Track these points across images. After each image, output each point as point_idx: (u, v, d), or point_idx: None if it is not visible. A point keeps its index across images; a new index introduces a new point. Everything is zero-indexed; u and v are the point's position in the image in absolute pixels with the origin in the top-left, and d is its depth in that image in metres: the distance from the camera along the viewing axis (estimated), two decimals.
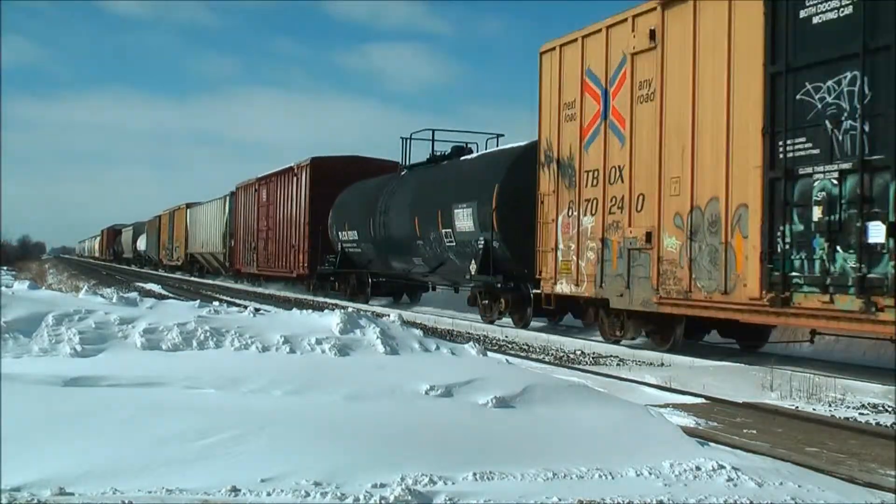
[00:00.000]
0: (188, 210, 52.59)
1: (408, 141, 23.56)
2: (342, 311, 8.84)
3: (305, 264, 29.35)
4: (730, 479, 5.04)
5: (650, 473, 5.09)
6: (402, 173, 23.36)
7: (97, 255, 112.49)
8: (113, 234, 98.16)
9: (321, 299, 26.93)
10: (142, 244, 73.34)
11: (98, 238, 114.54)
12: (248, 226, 37.54)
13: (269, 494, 4.40)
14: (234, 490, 4.40)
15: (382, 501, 4.37)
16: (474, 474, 4.87)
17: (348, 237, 25.63)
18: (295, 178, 31.00)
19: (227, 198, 42.13)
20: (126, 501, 4.18)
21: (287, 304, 23.30)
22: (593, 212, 13.70)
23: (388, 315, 10.12)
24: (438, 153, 22.33)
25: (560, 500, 4.54)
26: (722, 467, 5.20)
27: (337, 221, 26.66)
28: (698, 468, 5.20)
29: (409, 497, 4.42)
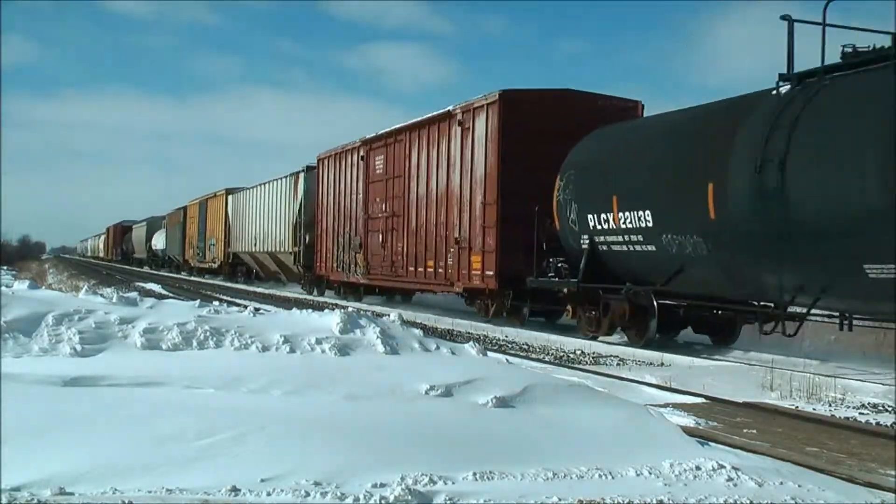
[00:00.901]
0: (229, 198, 40.76)
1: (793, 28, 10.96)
2: (342, 310, 8.85)
3: (491, 271, 16.99)
4: (730, 479, 5.04)
5: (650, 473, 5.08)
6: (802, 86, 10.86)
7: (102, 255, 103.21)
8: (121, 231, 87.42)
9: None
10: (159, 242, 62.58)
11: (103, 236, 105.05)
12: (344, 212, 25.61)
13: (269, 494, 4.40)
14: (234, 490, 4.40)
15: (382, 501, 4.37)
16: (474, 474, 4.87)
17: (619, 224, 13.53)
18: (459, 130, 18.41)
19: (301, 175, 30.18)
20: (126, 501, 4.18)
21: (287, 303, 23.25)
22: None
23: (388, 315, 10.12)
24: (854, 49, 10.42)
25: (560, 499, 4.54)
26: (722, 467, 5.20)
27: (582, 195, 14.49)
28: (698, 468, 5.20)
29: (409, 497, 4.42)
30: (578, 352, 13.23)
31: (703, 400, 8.73)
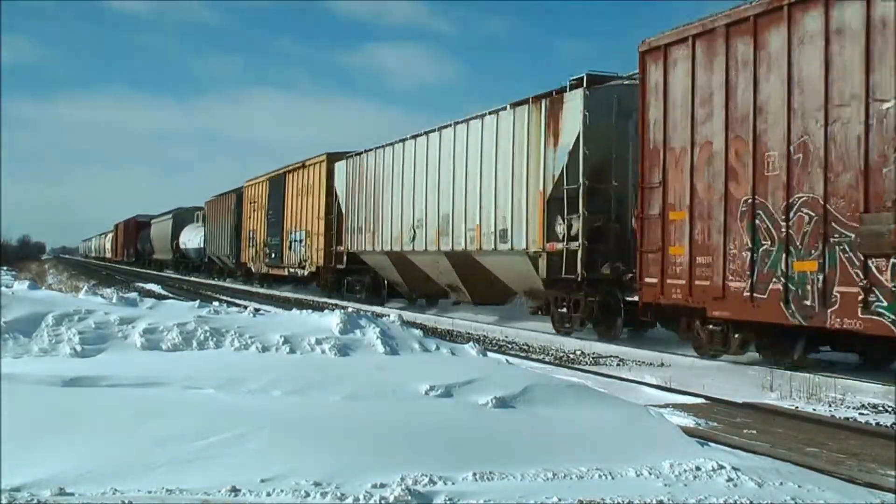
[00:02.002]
0: (337, 166, 25.92)
1: None
2: (342, 311, 8.85)
3: None
4: (730, 479, 5.04)
5: (650, 473, 5.08)
6: None
7: (109, 255, 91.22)
8: (135, 227, 73.07)
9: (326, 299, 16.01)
10: (192, 239, 48.06)
11: (110, 234, 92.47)
12: (781, 163, 10.12)
13: (269, 494, 4.40)
14: (234, 490, 4.40)
15: (382, 501, 4.37)
16: (474, 474, 4.87)
17: None
18: None
19: (574, 99, 14.69)
20: (126, 501, 4.18)
21: (286, 303, 23.23)
22: None
23: (388, 315, 10.11)
24: None
25: (560, 499, 4.54)
26: (722, 467, 5.20)
27: None
28: (698, 468, 5.20)
29: (409, 497, 4.42)
30: (578, 352, 13.23)
31: (703, 400, 8.73)
